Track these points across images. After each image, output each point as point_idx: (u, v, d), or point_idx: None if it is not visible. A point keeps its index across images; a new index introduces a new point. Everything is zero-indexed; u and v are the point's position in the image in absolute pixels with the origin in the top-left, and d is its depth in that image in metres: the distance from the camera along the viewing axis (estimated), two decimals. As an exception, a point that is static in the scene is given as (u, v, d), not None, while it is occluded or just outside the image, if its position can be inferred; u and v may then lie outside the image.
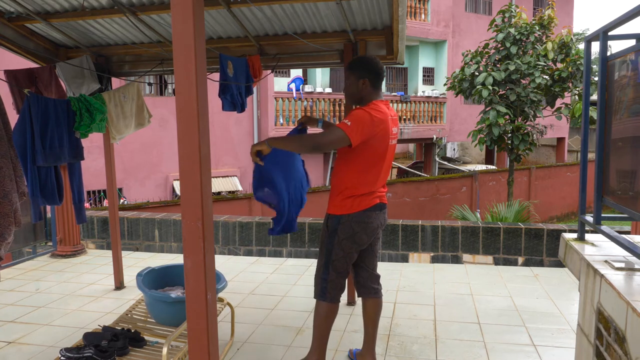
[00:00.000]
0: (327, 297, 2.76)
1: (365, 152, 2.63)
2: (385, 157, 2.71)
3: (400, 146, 28.57)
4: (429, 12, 17.15)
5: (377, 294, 2.94)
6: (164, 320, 3.19)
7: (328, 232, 2.75)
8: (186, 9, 1.65)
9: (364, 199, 2.70)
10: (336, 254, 2.73)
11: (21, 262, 5.43)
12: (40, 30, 4.13)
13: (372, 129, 2.57)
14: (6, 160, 2.92)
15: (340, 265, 2.75)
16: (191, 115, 1.69)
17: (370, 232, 2.76)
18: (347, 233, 2.70)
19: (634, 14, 1.80)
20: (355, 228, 2.70)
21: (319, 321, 2.78)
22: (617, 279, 1.83)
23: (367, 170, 2.67)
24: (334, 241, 2.72)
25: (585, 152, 2.48)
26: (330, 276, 2.75)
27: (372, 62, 2.74)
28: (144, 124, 4.51)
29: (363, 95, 2.73)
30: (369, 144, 2.60)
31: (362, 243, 2.77)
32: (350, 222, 2.69)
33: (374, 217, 2.75)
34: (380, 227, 2.85)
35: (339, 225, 2.71)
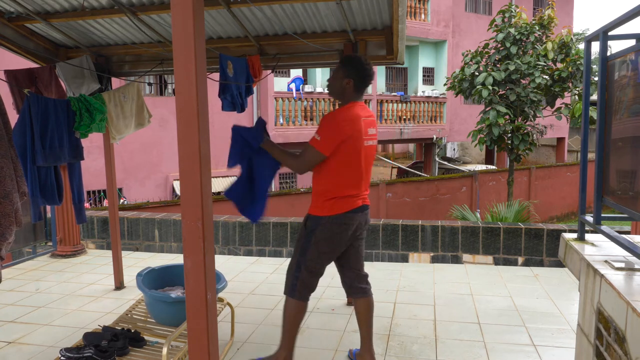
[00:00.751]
0: (295, 295, 2.78)
1: (339, 155, 2.64)
2: (362, 159, 2.72)
3: (400, 146, 28.60)
4: (429, 12, 17.16)
5: (366, 293, 2.95)
6: (164, 320, 3.19)
7: (306, 231, 2.77)
8: (186, 9, 1.65)
9: (345, 201, 2.70)
10: (311, 254, 2.74)
11: (21, 262, 5.43)
12: (40, 30, 4.13)
13: (341, 133, 2.61)
14: (7, 160, 2.92)
15: (313, 266, 2.76)
16: (191, 115, 1.69)
17: (349, 235, 2.77)
18: (324, 235, 2.71)
19: (634, 14, 1.80)
20: (334, 230, 2.71)
21: (288, 318, 2.81)
22: (617, 279, 1.83)
23: (343, 172, 2.68)
24: (311, 241, 2.73)
25: (585, 152, 2.48)
26: (302, 275, 2.76)
27: (363, 66, 2.76)
28: (144, 124, 4.51)
29: (344, 94, 2.76)
30: (342, 147, 2.63)
31: (339, 245, 2.78)
32: (330, 224, 2.70)
33: (354, 219, 2.75)
34: (362, 228, 2.85)
35: (318, 226, 2.72)
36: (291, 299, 2.79)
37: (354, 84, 2.73)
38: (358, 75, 2.73)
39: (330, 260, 2.83)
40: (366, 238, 5.44)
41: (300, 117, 13.94)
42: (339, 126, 2.62)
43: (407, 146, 28.46)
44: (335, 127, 2.62)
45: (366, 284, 2.98)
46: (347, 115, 2.66)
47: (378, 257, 5.44)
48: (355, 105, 2.73)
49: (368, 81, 2.79)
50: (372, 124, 2.80)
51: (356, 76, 2.73)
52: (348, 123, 2.63)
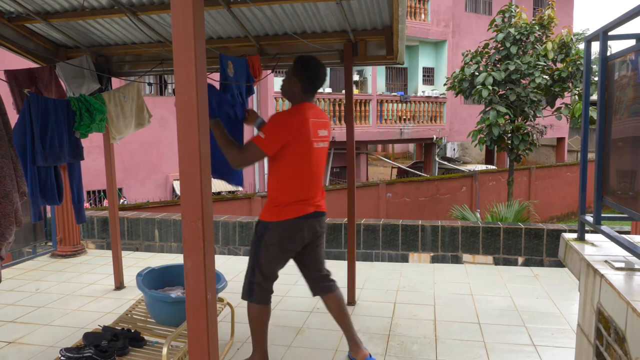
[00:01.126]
0: (253, 299, 2.78)
1: (287, 157, 2.63)
2: (312, 161, 2.70)
3: (400, 146, 28.59)
4: (429, 12, 17.16)
5: (330, 289, 2.98)
6: (164, 320, 3.19)
7: (256, 235, 2.77)
8: (186, 9, 1.65)
9: (293, 207, 2.68)
10: (263, 258, 2.74)
11: (21, 262, 5.43)
12: (40, 30, 4.13)
13: (287, 133, 2.59)
14: (7, 160, 2.92)
15: (266, 269, 2.76)
16: (191, 115, 1.69)
17: (299, 241, 2.76)
18: (273, 239, 2.71)
19: (634, 14, 1.80)
20: (282, 235, 2.70)
21: (252, 322, 2.82)
22: (617, 279, 1.83)
23: (292, 175, 2.67)
24: (260, 245, 2.73)
25: (585, 152, 2.48)
26: (257, 278, 2.76)
27: (313, 69, 2.74)
28: (144, 124, 4.51)
29: (292, 94, 2.76)
30: (290, 148, 2.61)
31: (289, 250, 2.77)
32: (277, 230, 2.69)
33: (304, 225, 2.72)
34: (316, 234, 2.83)
35: (266, 231, 2.71)
36: (251, 303, 2.80)
37: (300, 85, 2.72)
38: (306, 77, 2.72)
39: (283, 264, 2.82)
40: (366, 238, 5.44)
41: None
42: (286, 126, 2.60)
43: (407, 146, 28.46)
44: (281, 126, 2.60)
45: (329, 281, 3.00)
46: (294, 116, 2.64)
47: (378, 257, 5.44)
48: (304, 106, 2.72)
49: (318, 84, 2.77)
50: (323, 125, 2.78)
51: (305, 77, 2.72)
52: (295, 124, 2.61)
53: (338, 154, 15.29)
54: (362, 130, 14.98)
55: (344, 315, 2.99)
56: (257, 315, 2.80)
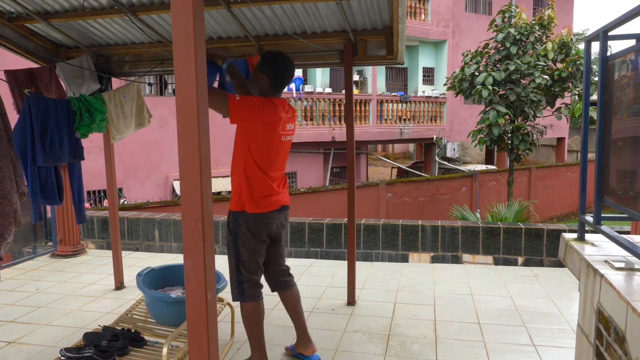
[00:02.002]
0: (246, 297, 2.79)
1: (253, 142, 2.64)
2: (280, 154, 2.75)
3: (400, 146, 28.60)
4: (429, 12, 17.16)
5: (288, 285, 3.02)
6: (164, 320, 3.19)
7: (231, 235, 2.78)
8: (186, 9, 1.65)
9: (265, 199, 2.72)
10: (244, 254, 2.76)
11: (21, 262, 5.43)
12: (40, 30, 4.13)
13: (257, 114, 2.59)
14: (6, 161, 2.92)
15: (250, 264, 2.78)
16: (191, 115, 1.69)
17: (272, 232, 2.81)
18: (247, 234, 2.73)
19: (634, 14, 1.80)
20: (256, 227, 2.73)
21: (247, 322, 2.81)
22: (617, 279, 1.83)
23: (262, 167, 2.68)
24: (238, 242, 2.75)
25: (585, 152, 2.48)
26: (244, 276, 2.78)
27: (281, 65, 2.74)
28: (144, 124, 4.51)
29: (260, 89, 2.76)
30: (257, 133, 2.62)
31: (264, 241, 2.80)
32: (247, 224, 2.71)
33: (276, 218, 2.79)
34: (281, 229, 2.89)
35: (239, 227, 2.73)
36: (244, 302, 2.80)
37: (269, 80, 2.72)
38: (274, 73, 2.72)
39: (263, 255, 2.84)
40: (366, 238, 5.44)
41: (300, 117, 13.94)
42: (260, 107, 2.61)
43: (407, 146, 28.46)
44: (257, 105, 2.61)
45: (288, 276, 3.05)
46: (268, 104, 2.66)
47: (378, 257, 5.44)
48: (275, 99, 2.74)
49: (286, 80, 2.78)
50: (291, 120, 2.82)
51: (272, 73, 2.72)
52: (268, 110, 2.63)
53: (338, 154, 15.29)
54: (362, 130, 14.98)
55: (299, 313, 3.06)
56: (252, 314, 2.80)
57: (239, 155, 2.71)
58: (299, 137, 13.70)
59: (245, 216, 2.71)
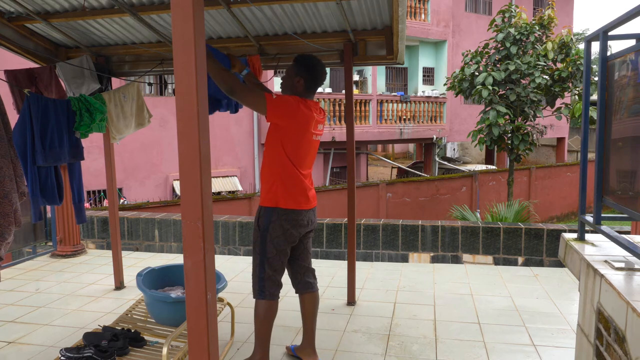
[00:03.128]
0: (266, 295, 2.79)
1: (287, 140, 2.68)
2: (310, 152, 2.80)
3: (400, 146, 28.60)
4: (429, 12, 17.15)
5: (312, 288, 3.01)
6: (164, 320, 3.19)
7: (259, 231, 2.78)
8: (186, 9, 1.65)
9: (296, 197, 2.74)
10: (270, 252, 2.76)
11: (21, 262, 5.43)
12: (40, 30, 4.13)
13: (293, 113, 2.64)
14: (6, 160, 2.92)
15: (275, 262, 2.78)
16: (191, 115, 1.69)
17: (301, 231, 2.82)
18: (277, 231, 2.74)
19: (634, 14, 1.80)
20: (284, 226, 2.74)
21: (259, 320, 2.81)
22: (617, 279, 1.83)
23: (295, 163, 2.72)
24: (267, 239, 2.76)
25: (585, 152, 2.48)
26: (267, 274, 2.78)
27: (316, 67, 2.81)
28: (144, 124, 4.51)
29: (294, 92, 2.80)
30: (291, 131, 2.66)
31: (292, 241, 2.81)
32: (280, 220, 2.73)
33: (306, 216, 2.82)
34: (310, 225, 2.90)
35: (270, 224, 2.74)
36: (262, 300, 2.80)
37: (304, 83, 2.78)
38: (309, 74, 2.78)
39: (287, 254, 2.84)
40: (366, 238, 5.44)
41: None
42: (297, 107, 2.66)
43: (407, 146, 28.46)
44: (293, 105, 2.66)
45: (313, 278, 3.04)
46: (303, 104, 2.72)
47: (378, 257, 5.44)
48: (308, 101, 2.79)
49: (320, 81, 2.84)
50: (322, 121, 2.89)
51: (307, 75, 2.77)
52: (303, 110, 2.69)
53: (338, 154, 15.30)
54: (362, 130, 14.98)
55: (313, 318, 3.03)
56: (266, 313, 2.80)
57: (273, 153, 2.73)
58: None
59: (278, 212, 2.72)
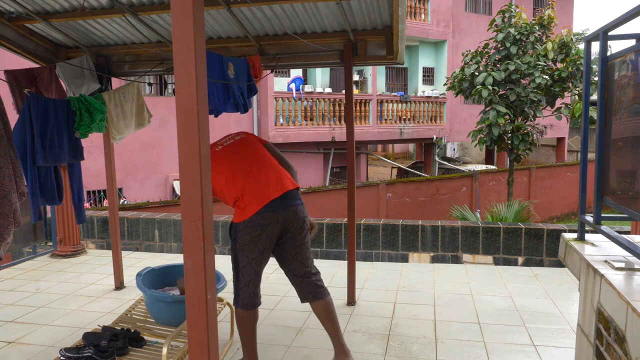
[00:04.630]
0: (240, 304, 2.78)
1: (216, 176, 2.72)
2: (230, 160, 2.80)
3: (400, 146, 28.59)
4: (429, 12, 17.15)
5: (318, 296, 2.90)
6: (164, 320, 3.19)
7: (231, 242, 2.79)
8: (186, 9, 1.65)
9: (249, 204, 2.69)
10: (242, 262, 2.73)
11: (21, 262, 5.43)
12: (40, 30, 4.13)
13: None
14: (6, 160, 2.92)
15: (247, 273, 2.74)
16: (191, 115, 1.69)
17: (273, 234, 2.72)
18: (245, 240, 2.70)
19: (634, 14, 1.80)
20: (251, 233, 2.69)
21: (239, 327, 2.84)
22: (617, 279, 1.83)
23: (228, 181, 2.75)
24: (237, 249, 2.73)
25: (585, 152, 2.48)
26: (241, 284, 2.76)
27: None
28: (144, 124, 4.51)
29: None
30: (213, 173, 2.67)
31: (265, 247, 2.72)
32: (246, 228, 2.69)
33: (268, 217, 2.68)
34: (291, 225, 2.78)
35: (237, 233, 2.72)
36: (237, 308, 2.81)
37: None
38: None
39: (261, 265, 2.78)
40: (366, 238, 5.44)
41: (300, 117, 13.94)
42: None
43: (407, 146, 28.46)
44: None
45: (315, 288, 2.91)
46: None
47: (378, 257, 5.44)
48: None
49: None
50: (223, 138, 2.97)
51: None
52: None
53: (338, 154, 15.29)
54: (362, 130, 14.98)
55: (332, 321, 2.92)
56: (243, 320, 2.81)
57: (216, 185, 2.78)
58: (299, 137, 13.70)
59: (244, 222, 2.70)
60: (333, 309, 2.94)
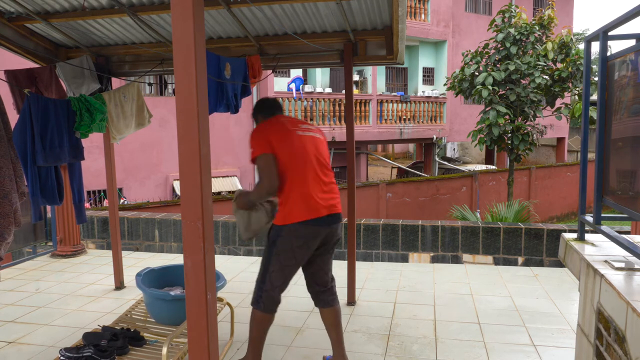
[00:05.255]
0: (260, 307, 2.73)
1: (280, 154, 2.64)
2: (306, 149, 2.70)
3: (400, 146, 28.59)
4: (429, 12, 17.15)
5: (330, 304, 2.90)
6: (164, 319, 3.19)
7: (268, 242, 2.72)
8: (186, 9, 1.65)
9: (296, 207, 2.61)
10: (273, 266, 2.68)
11: (21, 262, 5.43)
12: (40, 30, 4.13)
13: (265, 131, 2.70)
14: (6, 160, 2.92)
15: (276, 278, 2.70)
16: (191, 115, 1.69)
17: (311, 247, 2.69)
18: (285, 246, 2.64)
19: (634, 14, 1.80)
20: (294, 243, 2.63)
21: (253, 327, 2.78)
22: (617, 279, 1.83)
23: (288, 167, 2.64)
24: (272, 253, 2.68)
25: (585, 152, 2.48)
26: (266, 286, 2.71)
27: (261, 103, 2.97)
28: (144, 124, 4.51)
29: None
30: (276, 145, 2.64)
31: (301, 258, 2.69)
32: (288, 236, 2.63)
33: (319, 232, 2.67)
34: (330, 241, 2.78)
35: (278, 237, 2.65)
36: (256, 310, 2.75)
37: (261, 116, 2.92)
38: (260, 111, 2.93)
39: (292, 273, 2.75)
40: (366, 238, 5.44)
41: (300, 117, 13.95)
42: (259, 129, 2.74)
43: (407, 146, 28.45)
44: (257, 131, 2.73)
45: (331, 294, 2.92)
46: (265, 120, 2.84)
47: (378, 257, 5.44)
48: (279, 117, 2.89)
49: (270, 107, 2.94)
50: (302, 122, 2.89)
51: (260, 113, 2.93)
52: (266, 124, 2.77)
53: (338, 154, 15.29)
54: (362, 130, 14.98)
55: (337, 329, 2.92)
56: (261, 322, 2.76)
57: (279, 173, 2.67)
58: (299, 137, 13.67)
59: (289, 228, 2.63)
60: (341, 318, 2.94)
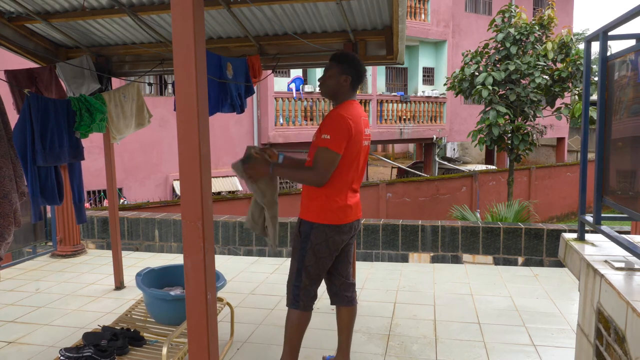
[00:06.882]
0: (299, 305, 2.67)
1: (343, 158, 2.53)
2: (359, 160, 2.64)
3: (400, 146, 28.59)
4: (428, 12, 17.15)
5: (350, 302, 2.86)
6: (164, 319, 3.19)
7: (300, 237, 2.66)
8: (186, 9, 1.65)
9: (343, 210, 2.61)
10: (309, 260, 2.64)
11: (21, 262, 5.43)
12: (40, 30, 4.13)
13: (349, 130, 2.51)
14: (6, 160, 2.92)
15: (313, 272, 2.66)
16: (191, 115, 1.69)
17: (343, 238, 2.69)
18: (319, 238, 2.61)
19: (634, 14, 1.80)
20: (328, 233, 2.61)
21: (291, 330, 2.71)
22: (617, 279, 1.83)
23: (346, 174, 2.58)
24: (307, 246, 2.63)
25: (585, 152, 2.48)
26: (303, 283, 2.66)
27: (360, 64, 2.69)
28: (144, 124, 4.51)
29: (340, 92, 2.65)
30: (347, 150, 2.53)
31: (335, 248, 2.68)
32: (324, 228, 2.60)
33: (350, 232, 2.70)
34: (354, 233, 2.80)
35: (312, 230, 2.61)
36: (295, 310, 2.68)
37: (351, 81, 2.63)
38: (355, 72, 2.63)
39: (328, 265, 2.72)
40: (366, 238, 5.44)
41: (300, 117, 13.94)
42: (347, 123, 2.50)
43: (407, 146, 28.46)
44: (343, 124, 2.50)
45: (352, 292, 2.89)
46: (351, 113, 2.56)
47: (378, 257, 5.44)
48: (354, 103, 2.65)
49: (363, 79, 2.71)
50: (366, 124, 2.73)
51: (354, 73, 2.63)
52: (353, 121, 2.53)
53: (338, 154, 15.28)
54: (362, 130, 14.96)
55: (349, 331, 2.88)
56: (299, 322, 2.70)
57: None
58: (299, 137, 13.69)
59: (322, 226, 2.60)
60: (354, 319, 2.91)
